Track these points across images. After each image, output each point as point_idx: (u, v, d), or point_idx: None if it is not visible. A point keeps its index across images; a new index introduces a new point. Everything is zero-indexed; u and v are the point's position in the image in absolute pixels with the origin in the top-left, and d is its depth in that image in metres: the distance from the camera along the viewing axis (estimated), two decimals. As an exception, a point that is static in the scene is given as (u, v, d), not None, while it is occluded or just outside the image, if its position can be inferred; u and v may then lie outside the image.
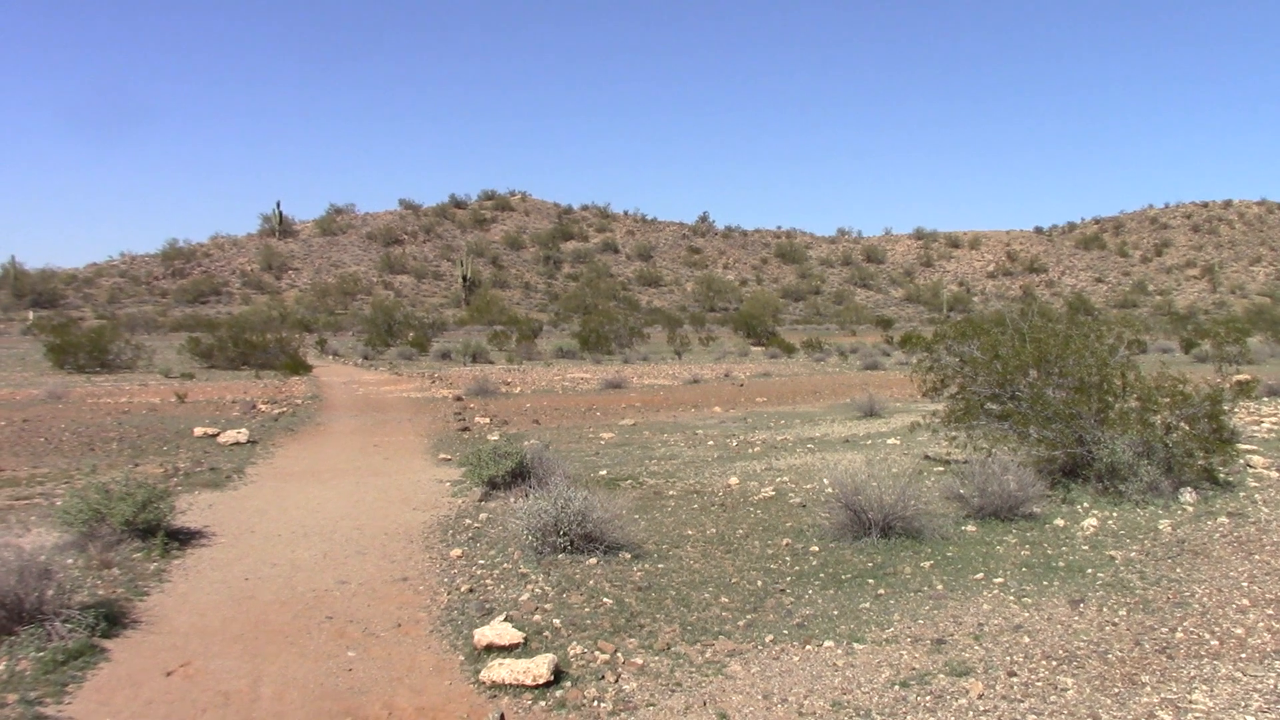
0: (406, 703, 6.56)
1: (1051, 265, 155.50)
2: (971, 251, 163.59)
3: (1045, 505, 11.47)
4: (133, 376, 38.45)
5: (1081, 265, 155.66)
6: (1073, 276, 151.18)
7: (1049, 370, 13.39)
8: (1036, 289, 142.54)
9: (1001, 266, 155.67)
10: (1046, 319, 15.81)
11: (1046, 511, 11.24)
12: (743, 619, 7.95)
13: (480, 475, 13.32)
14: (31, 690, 6.65)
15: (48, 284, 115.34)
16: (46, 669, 6.98)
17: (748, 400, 27.82)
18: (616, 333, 60.88)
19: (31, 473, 15.46)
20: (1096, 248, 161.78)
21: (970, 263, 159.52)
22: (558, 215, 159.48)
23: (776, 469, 15.01)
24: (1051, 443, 12.66)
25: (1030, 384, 13.34)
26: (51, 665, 7.03)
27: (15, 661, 7.10)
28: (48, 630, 7.44)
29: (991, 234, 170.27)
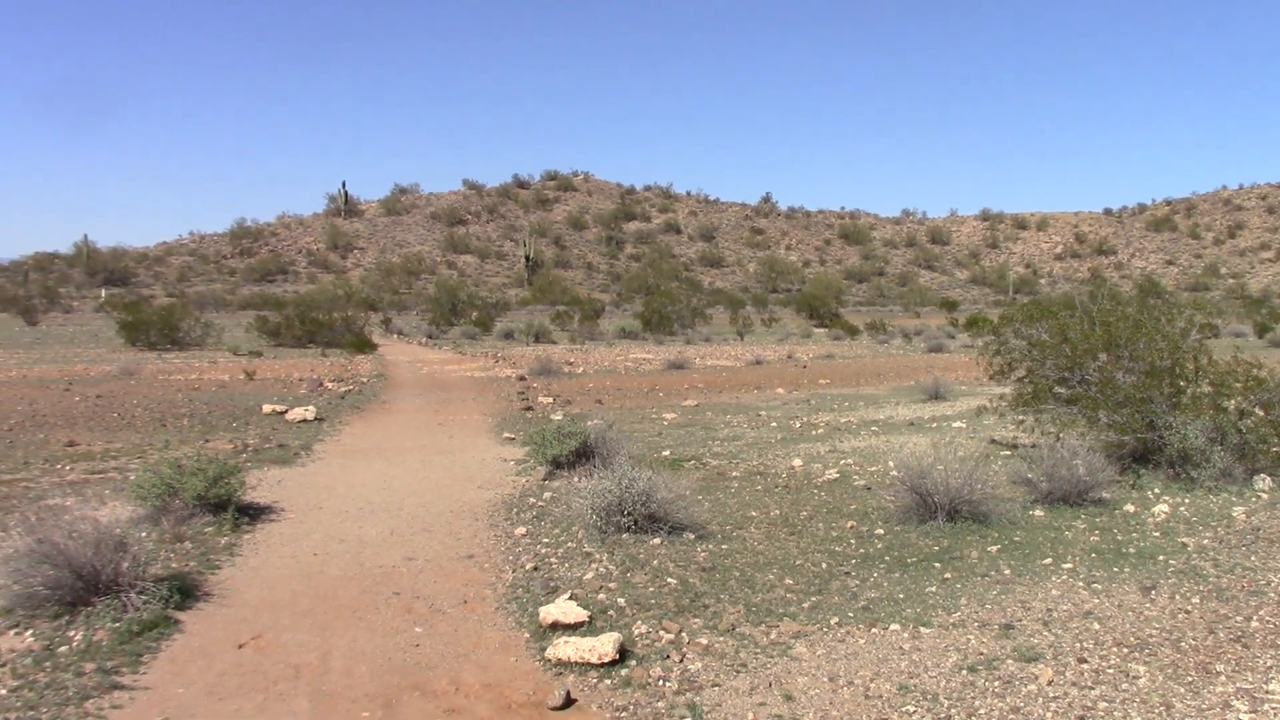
0: (473, 678, 6.62)
1: (1121, 247, 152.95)
2: (1039, 233, 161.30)
3: (1115, 491, 11.30)
4: (202, 354, 39.10)
5: (1152, 247, 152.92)
6: (1143, 259, 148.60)
7: (1119, 354, 13.17)
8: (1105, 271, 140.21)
9: (1069, 248, 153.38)
10: (1116, 302, 15.55)
11: (1116, 497, 11.07)
12: (807, 601, 7.93)
13: (544, 454, 13.38)
14: (108, 660, 6.79)
15: (119, 262, 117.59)
16: (122, 639, 7.12)
17: (811, 382, 27.68)
18: (679, 313, 60.75)
19: (106, 447, 15.78)
20: (1168, 229, 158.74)
21: (1037, 244, 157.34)
22: (620, 195, 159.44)
23: (840, 451, 14.93)
24: (1121, 428, 12.47)
25: (1100, 368, 13.14)
26: (127, 636, 7.17)
27: (92, 631, 7.26)
28: (123, 601, 7.59)
29: (1059, 215, 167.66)
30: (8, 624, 7.44)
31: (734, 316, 67.41)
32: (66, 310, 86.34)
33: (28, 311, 68.30)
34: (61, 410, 20.33)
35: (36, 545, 7.67)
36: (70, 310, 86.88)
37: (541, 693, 6.34)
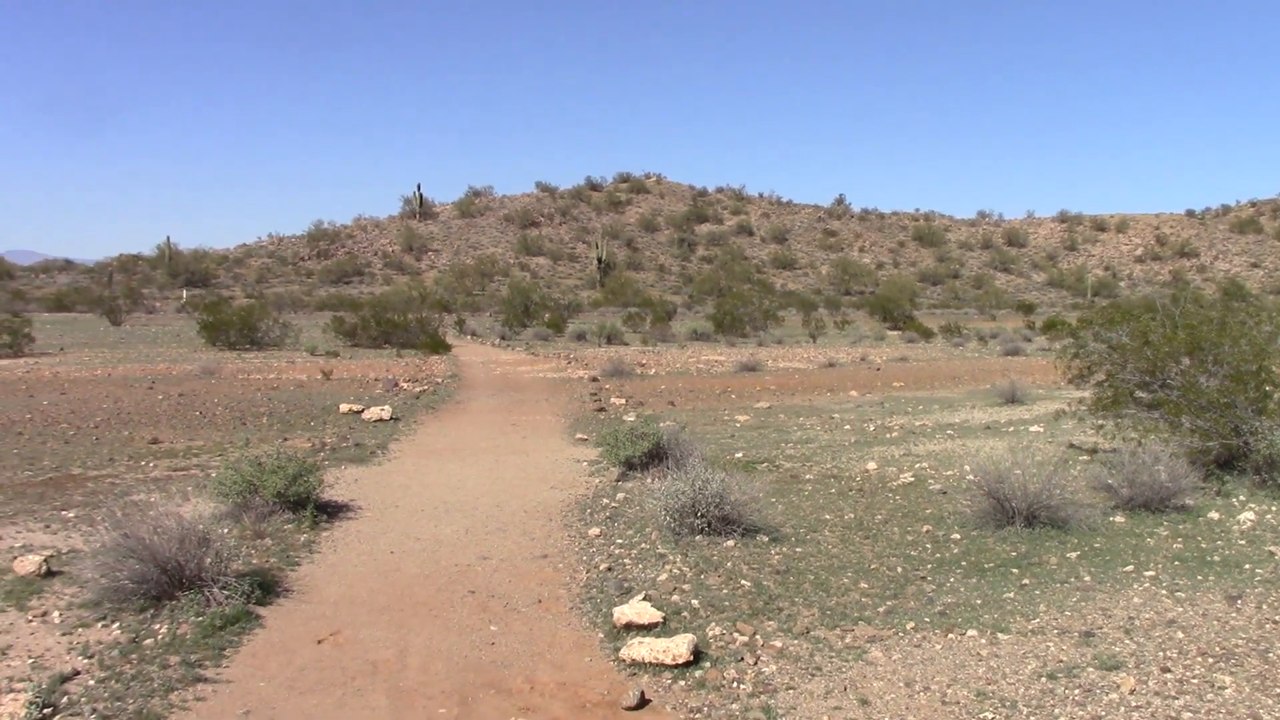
0: (548, 677, 6.66)
1: (1204, 249, 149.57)
2: (1118, 235, 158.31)
3: (1198, 497, 11.08)
4: (280, 354, 39.69)
5: (1236, 249, 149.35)
6: (1226, 261, 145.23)
7: (1202, 358, 12.90)
8: (1187, 274, 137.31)
9: (1150, 250, 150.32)
10: (1199, 305, 15.24)
11: (1200, 504, 10.84)
12: (883, 605, 7.87)
13: (617, 455, 13.42)
14: (192, 653, 6.93)
15: (200, 264, 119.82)
16: (205, 633, 7.27)
17: (884, 384, 27.45)
18: (751, 315, 60.46)
19: (188, 445, 16.10)
20: (1252, 231, 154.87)
21: (1117, 247, 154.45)
22: (692, 197, 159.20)
23: (915, 454, 14.79)
24: (1205, 433, 12.22)
25: (1182, 372, 12.88)
26: (210, 630, 7.32)
27: (177, 625, 7.41)
28: (206, 596, 7.75)
29: (1139, 217, 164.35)
30: (95, 616, 7.63)
31: (806, 319, 66.97)
32: (149, 311, 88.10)
33: (112, 312, 69.75)
34: (145, 408, 20.77)
35: (123, 540, 7.85)
36: (153, 311, 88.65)
37: (616, 693, 6.36)
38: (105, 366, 32.17)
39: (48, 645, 7.10)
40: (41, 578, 8.55)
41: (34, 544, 9.75)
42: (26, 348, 39.12)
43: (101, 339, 49.61)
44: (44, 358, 36.47)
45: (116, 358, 36.45)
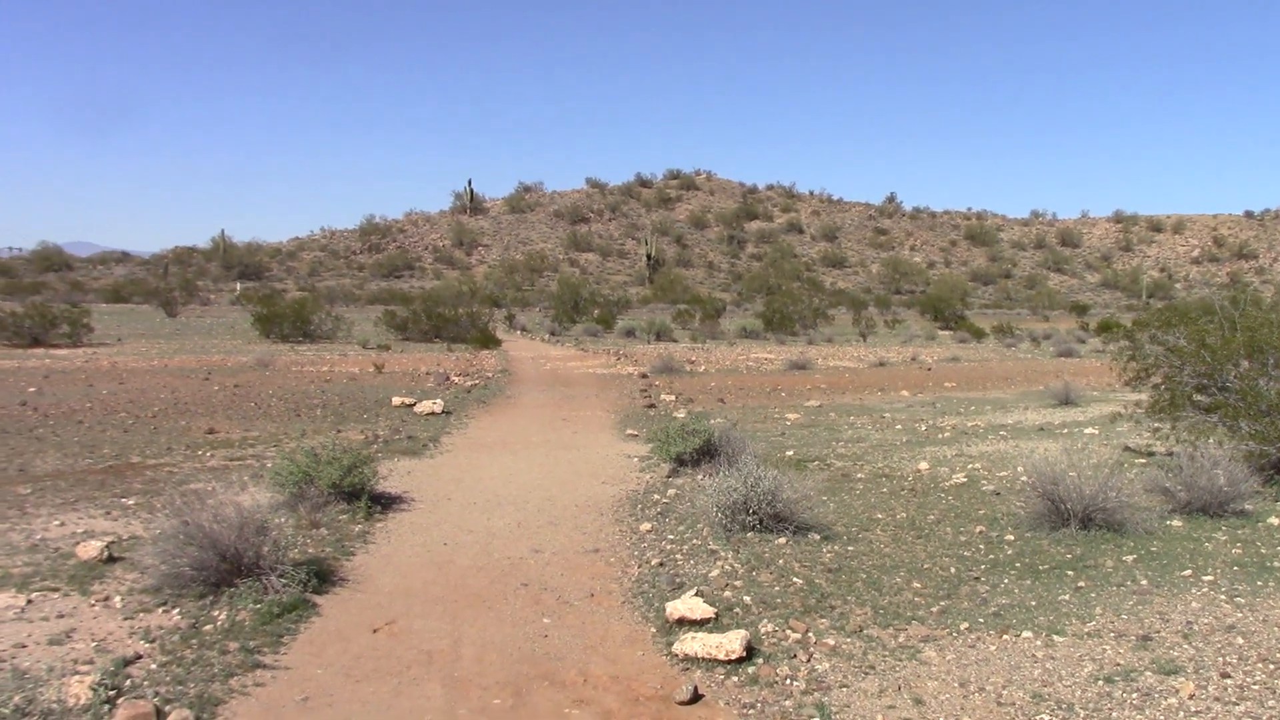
0: (601, 671, 6.70)
1: (1263, 251, 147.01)
2: (1175, 236, 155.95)
3: (1258, 503, 10.93)
4: (332, 347, 40.07)
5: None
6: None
7: (1262, 361, 12.72)
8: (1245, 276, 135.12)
9: (1207, 252, 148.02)
10: (1258, 307, 15.02)
11: (1260, 509, 10.69)
12: (936, 605, 7.83)
13: (668, 451, 13.44)
14: (251, 639, 7.03)
15: (254, 257, 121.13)
16: (264, 620, 7.37)
17: (936, 384, 27.27)
18: (800, 313, 60.31)
19: (244, 435, 16.30)
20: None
21: (1173, 247, 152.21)
22: (742, 195, 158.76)
23: (968, 455, 14.70)
24: (1264, 437, 12.04)
25: (1241, 375, 12.70)
26: (268, 617, 7.42)
27: (236, 611, 7.53)
28: (264, 584, 7.85)
29: (1197, 218, 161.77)
30: (156, 602, 7.76)
31: (856, 317, 66.67)
32: (204, 303, 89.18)
33: (168, 304, 70.69)
34: (201, 399, 21.06)
35: (183, 527, 7.98)
36: (208, 303, 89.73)
37: (669, 687, 6.38)
38: (162, 357, 32.65)
39: (110, 629, 7.23)
40: (103, 563, 8.71)
41: (95, 530, 9.93)
42: (85, 338, 39.78)
43: (158, 330, 50.32)
44: (102, 348, 37.08)
45: (173, 349, 36.97)
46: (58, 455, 14.17)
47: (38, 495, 11.52)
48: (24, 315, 39.16)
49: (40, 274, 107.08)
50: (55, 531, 9.88)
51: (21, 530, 9.89)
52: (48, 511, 10.72)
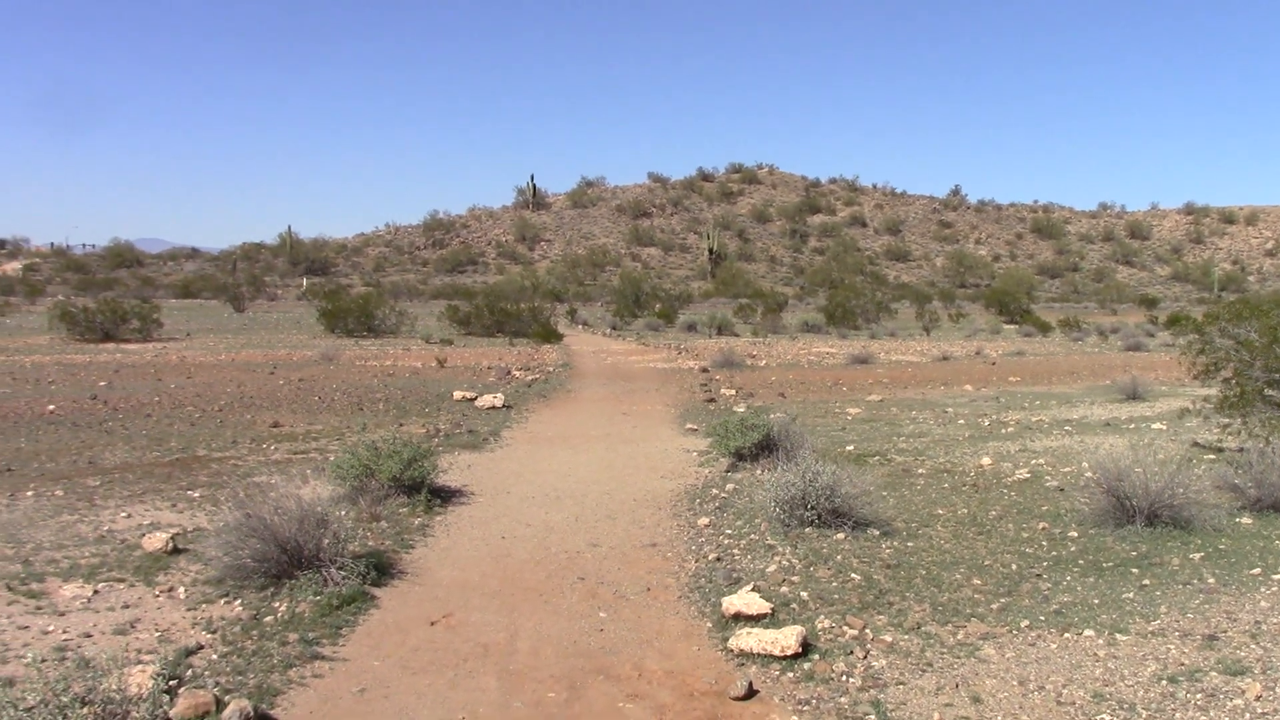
0: (656, 665, 6.69)
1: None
2: (1248, 228, 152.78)
3: (1331, 500, 10.65)
4: (396, 341, 40.46)
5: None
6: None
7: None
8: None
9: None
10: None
11: (1333, 506, 10.43)
12: (996, 602, 7.73)
13: (727, 446, 13.40)
14: (310, 631, 7.11)
15: (320, 253, 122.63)
16: (323, 612, 7.45)
17: (1000, 379, 26.94)
18: (863, 307, 59.85)
19: (307, 429, 16.50)
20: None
21: (1246, 240, 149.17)
22: (805, 188, 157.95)
23: (1032, 450, 14.50)
24: (1339, 433, 11.75)
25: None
26: (327, 609, 7.50)
27: (296, 603, 7.62)
28: (324, 576, 7.94)
29: (1271, 209, 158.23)
30: (219, 593, 7.88)
31: (920, 311, 66.09)
32: (271, 298, 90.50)
33: (236, 299, 71.83)
34: (267, 393, 21.35)
35: (245, 520, 8.08)
36: (275, 298, 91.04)
37: (723, 682, 6.36)
38: (229, 352, 33.16)
39: (174, 620, 7.35)
40: (168, 554, 8.86)
41: (161, 522, 10.10)
42: (155, 333, 40.53)
43: (225, 325, 51.13)
44: (171, 343, 37.75)
45: (240, 343, 37.54)
46: (126, 448, 14.43)
47: (106, 487, 11.74)
48: (96, 311, 39.94)
49: (112, 270, 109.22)
50: (122, 523, 10.06)
51: (90, 522, 10.09)
52: (115, 503, 10.92)
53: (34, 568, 8.50)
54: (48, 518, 10.22)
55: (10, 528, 9.77)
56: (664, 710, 6.05)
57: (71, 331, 38.67)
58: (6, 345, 34.67)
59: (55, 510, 10.56)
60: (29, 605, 7.58)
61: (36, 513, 10.43)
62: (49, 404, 18.80)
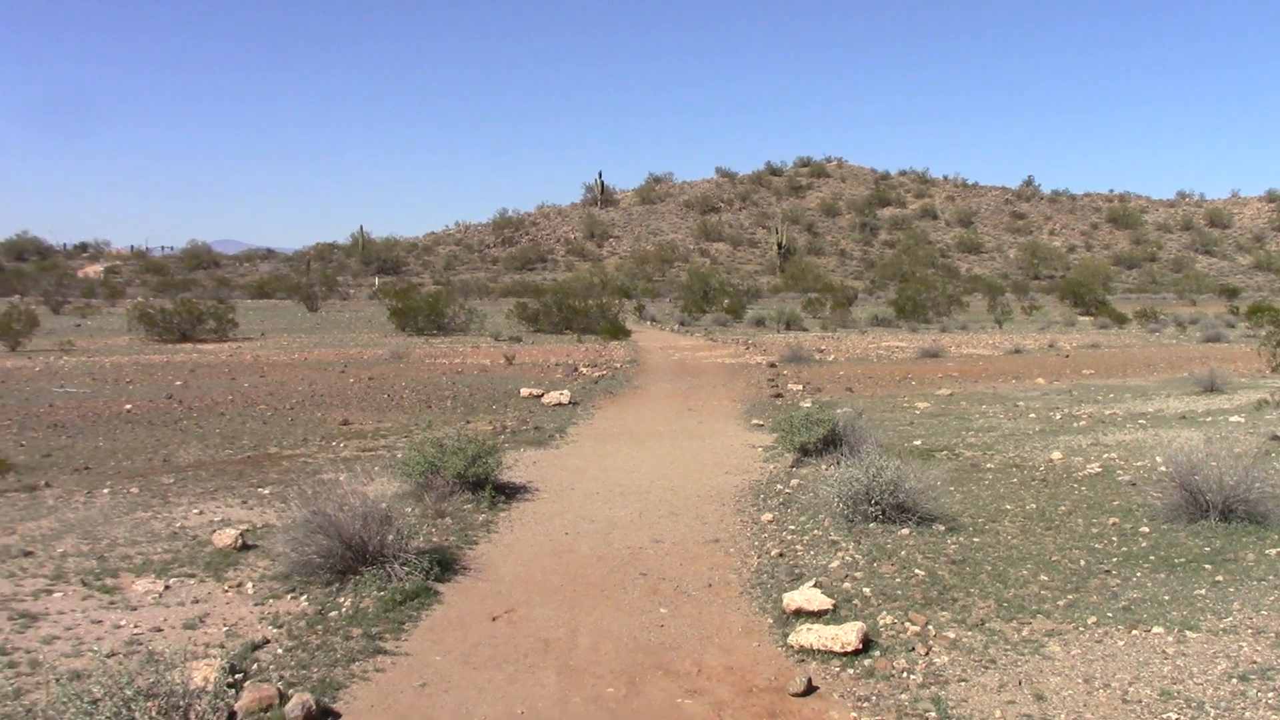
0: (716, 661, 6.68)
1: None
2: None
3: None
4: (465, 339, 40.77)
5: None
6: None
7: None
8: None
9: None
10: None
11: None
12: (1063, 599, 7.61)
13: (792, 441, 13.34)
14: (373, 626, 7.20)
15: (391, 252, 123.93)
16: (386, 607, 7.53)
17: (1073, 372, 26.52)
18: (934, 300, 59.30)
19: (376, 426, 16.69)
20: None
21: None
22: (874, 181, 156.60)
23: (1104, 444, 14.25)
24: None
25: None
26: (391, 604, 7.58)
27: (360, 599, 7.71)
28: (388, 572, 8.03)
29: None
30: (285, 588, 8.00)
31: (992, 304, 65.23)
32: (344, 297, 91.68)
33: (309, 299, 72.82)
34: (337, 391, 21.63)
35: (311, 517, 8.20)
36: (347, 297, 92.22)
37: (783, 678, 6.33)
38: (301, 351, 33.64)
39: (242, 614, 7.47)
40: (238, 550, 9.01)
41: (232, 518, 10.27)
42: (230, 333, 41.24)
43: (299, 324, 51.88)
44: (245, 342, 38.38)
45: (312, 342, 38.08)
46: (200, 446, 14.70)
47: (179, 485, 11.97)
48: (173, 312, 40.73)
49: (190, 271, 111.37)
50: (194, 520, 10.25)
51: (163, 518, 10.29)
52: (188, 500, 11.13)
53: (109, 563, 8.70)
54: (123, 514, 10.45)
55: (87, 524, 10.00)
56: (723, 706, 6.04)
57: (150, 332, 39.47)
58: (87, 346, 35.48)
59: (130, 507, 10.79)
60: (103, 600, 7.76)
61: (112, 510, 10.67)
62: (126, 403, 19.21)
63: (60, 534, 9.62)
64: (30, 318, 37.03)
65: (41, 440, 15.18)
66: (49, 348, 34.14)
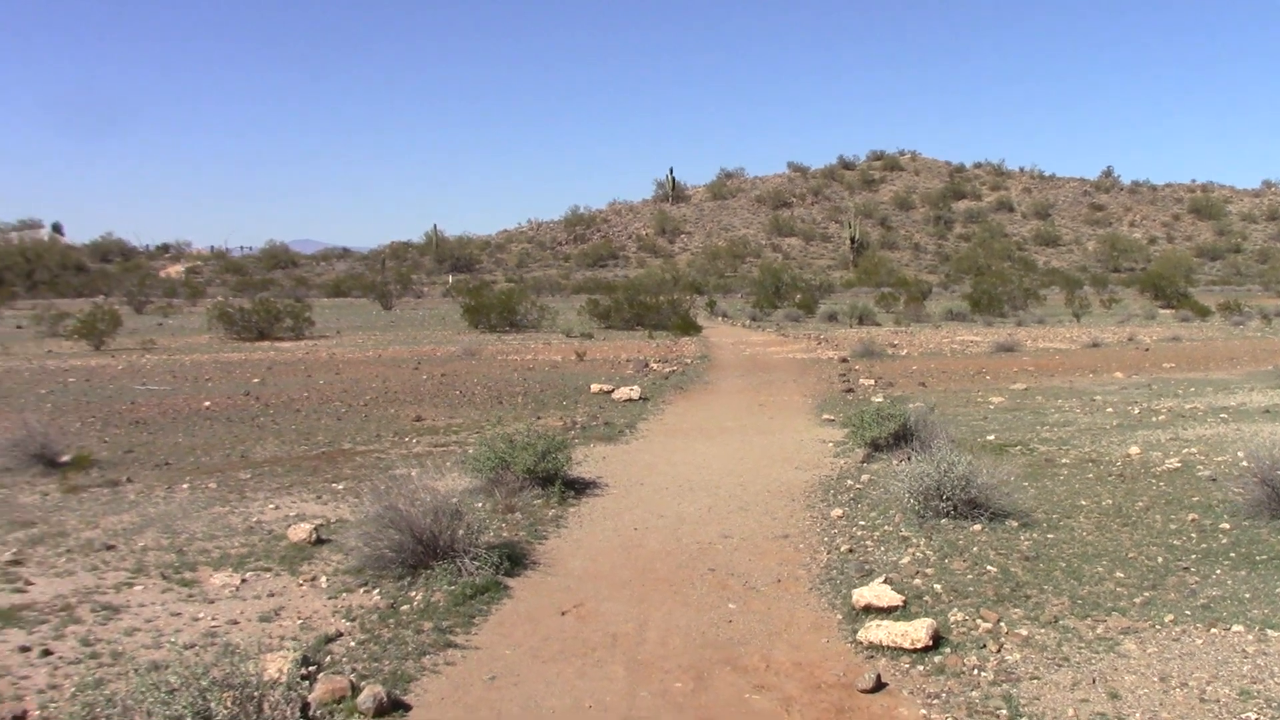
0: (784, 657, 6.65)
1: None
2: None
3: None
4: (537, 336, 41.00)
5: None
6: None
7: None
8: None
9: None
10: None
11: None
12: (1139, 596, 7.47)
13: (863, 436, 13.24)
14: (444, 620, 7.27)
15: (464, 249, 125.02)
16: (457, 601, 7.61)
17: (1153, 365, 26.01)
18: (1009, 294, 58.37)
19: (448, 422, 16.85)
20: None
21: None
22: (949, 174, 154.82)
23: (1183, 439, 13.96)
24: None
25: None
26: (461, 598, 7.65)
27: (430, 593, 7.79)
28: (458, 566, 8.10)
29: None
30: (358, 582, 8.11)
31: (1070, 297, 64.17)
32: (418, 295, 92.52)
33: (384, 296, 73.61)
34: (410, 387, 21.87)
35: (383, 511, 8.30)
36: (421, 295, 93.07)
37: (852, 674, 6.29)
38: (376, 348, 34.06)
39: (315, 608, 7.59)
40: (312, 545, 9.15)
41: (306, 513, 10.43)
42: (306, 331, 41.85)
43: (373, 322, 52.51)
44: (321, 340, 38.95)
45: (386, 340, 38.54)
46: (276, 442, 14.95)
47: (256, 480, 12.19)
48: (251, 311, 41.44)
49: (268, 271, 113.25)
50: (270, 514, 10.43)
51: (240, 513, 10.48)
52: (264, 495, 11.33)
53: (187, 557, 8.88)
54: (201, 509, 10.66)
55: (167, 519, 10.22)
56: (791, 702, 6.02)
57: (229, 330, 40.19)
58: (169, 345, 36.23)
59: (208, 502, 11.01)
60: (182, 593, 7.92)
61: (191, 504, 10.89)
62: (205, 400, 19.58)
63: (141, 528, 9.84)
64: (114, 317, 37.91)
65: (124, 437, 15.54)
66: (132, 346, 34.91)
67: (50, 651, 6.64)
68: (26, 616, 7.30)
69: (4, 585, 8.02)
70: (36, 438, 12.74)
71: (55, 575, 8.34)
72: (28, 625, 7.12)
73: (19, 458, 12.64)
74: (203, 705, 4.91)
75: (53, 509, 10.71)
